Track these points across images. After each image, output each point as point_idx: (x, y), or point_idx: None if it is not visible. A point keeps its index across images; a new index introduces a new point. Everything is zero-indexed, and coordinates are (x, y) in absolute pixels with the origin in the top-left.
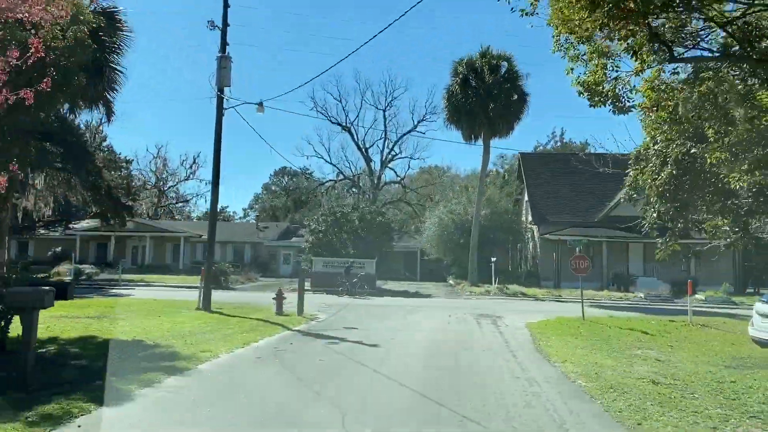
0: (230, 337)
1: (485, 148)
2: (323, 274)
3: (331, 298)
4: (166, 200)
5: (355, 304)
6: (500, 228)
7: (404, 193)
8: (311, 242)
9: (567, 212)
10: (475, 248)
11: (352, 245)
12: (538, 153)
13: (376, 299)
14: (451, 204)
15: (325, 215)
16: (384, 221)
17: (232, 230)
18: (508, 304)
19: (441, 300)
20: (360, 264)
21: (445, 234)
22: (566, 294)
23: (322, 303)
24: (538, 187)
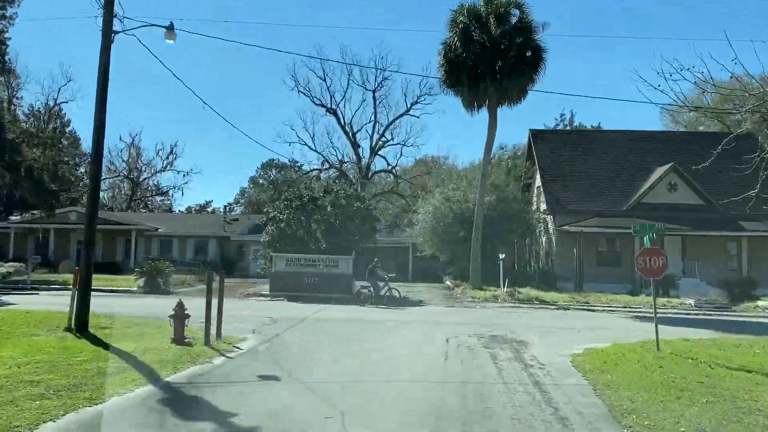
0: (13, 407)
1: (491, 117)
2: (287, 274)
3: (293, 309)
4: (140, 193)
5: (316, 318)
6: (508, 218)
7: (396, 183)
8: (271, 234)
9: (588, 199)
10: (478, 243)
11: (324, 238)
12: (553, 130)
13: (351, 310)
14: (449, 190)
15: (288, 200)
16: (364, 207)
17: (195, 222)
18: (525, 317)
19: (436, 309)
20: (333, 262)
21: (441, 226)
22: (594, 300)
23: (269, 316)
24: (554, 170)
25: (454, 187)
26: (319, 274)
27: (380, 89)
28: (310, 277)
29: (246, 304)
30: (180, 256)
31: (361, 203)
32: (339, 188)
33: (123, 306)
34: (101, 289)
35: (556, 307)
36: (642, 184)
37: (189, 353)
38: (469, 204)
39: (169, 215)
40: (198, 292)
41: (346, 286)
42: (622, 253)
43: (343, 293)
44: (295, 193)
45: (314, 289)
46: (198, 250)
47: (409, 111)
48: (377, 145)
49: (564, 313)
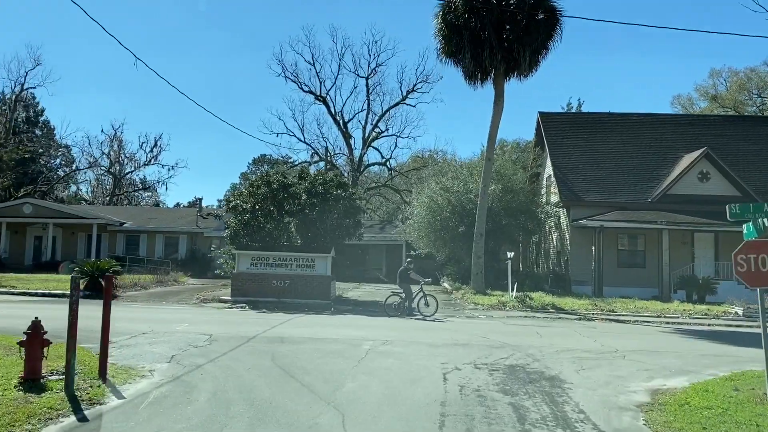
0: None
1: (497, 91)
2: (252, 276)
3: (249, 320)
4: (123, 188)
5: (271, 336)
6: (514, 212)
7: (390, 177)
8: (233, 228)
9: (607, 190)
10: (481, 239)
11: (299, 233)
12: (565, 113)
13: (324, 322)
14: (447, 179)
15: (254, 186)
16: (347, 196)
17: (166, 217)
18: (544, 332)
19: (430, 323)
20: (308, 261)
21: (437, 220)
22: (620, 307)
23: (208, 334)
24: (567, 157)
25: (454, 175)
26: (290, 276)
27: (374, 76)
28: (280, 280)
29: (193, 314)
30: (148, 254)
31: (344, 191)
32: (317, 174)
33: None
34: (30, 293)
35: (577, 317)
36: (668, 173)
37: (31, 407)
38: (470, 195)
39: (138, 209)
40: (151, 296)
41: (324, 290)
42: (646, 253)
43: (320, 298)
44: (263, 179)
45: (284, 293)
46: (168, 248)
47: (405, 100)
48: (370, 136)
49: (590, 327)
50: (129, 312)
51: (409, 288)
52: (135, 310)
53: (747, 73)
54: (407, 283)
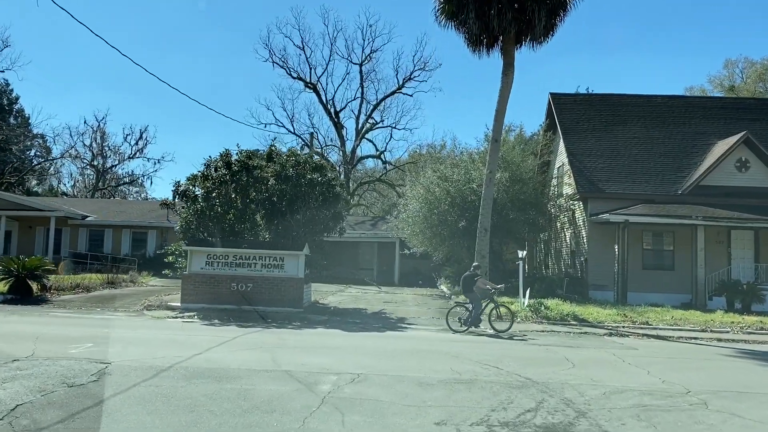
0: None
1: (506, 60)
2: (207, 278)
3: (186, 337)
4: (106, 182)
5: (196, 368)
6: (524, 205)
7: (384, 170)
8: (184, 218)
9: (631, 181)
10: (485, 235)
11: (267, 225)
12: (580, 94)
13: (283, 341)
14: (445, 168)
15: (211, 167)
16: (325, 181)
17: (135, 210)
18: (576, 357)
19: (425, 337)
20: (276, 260)
21: (434, 214)
22: (654, 318)
23: (106, 363)
24: (584, 143)
25: (453, 162)
26: (254, 278)
27: (368, 62)
28: (241, 282)
29: (116, 328)
30: (113, 251)
31: (320, 175)
32: (288, 153)
33: None
34: None
35: (606, 332)
36: (700, 161)
37: None
38: (472, 184)
39: (105, 201)
40: (89, 301)
41: (294, 296)
42: (675, 252)
43: (290, 305)
44: (223, 158)
45: (246, 299)
46: (136, 244)
47: (402, 89)
48: (364, 127)
49: (629, 347)
50: (37, 323)
51: (477, 298)
52: (50, 319)
53: (765, 64)
54: (475, 293)
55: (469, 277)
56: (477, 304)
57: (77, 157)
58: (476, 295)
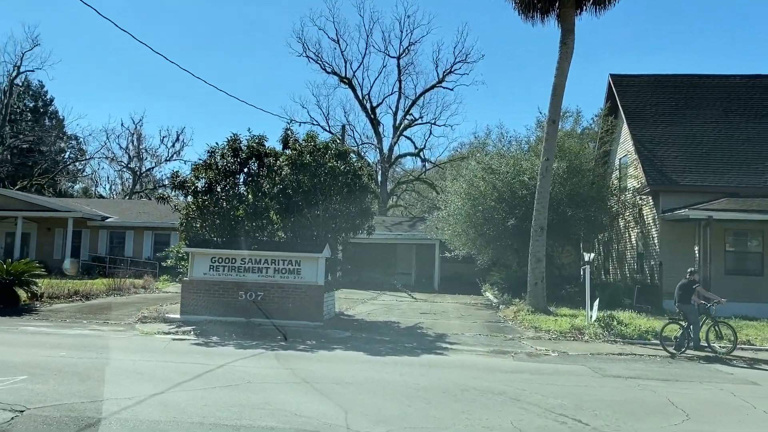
0: None
1: (565, 27)
2: (210, 286)
3: (167, 363)
4: (143, 185)
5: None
6: (584, 200)
7: (424, 169)
8: (185, 214)
9: (710, 171)
10: (541, 235)
11: (282, 222)
12: (646, 76)
13: (285, 372)
14: (491, 158)
15: (216, 154)
16: (351, 171)
17: (158, 211)
18: (687, 404)
19: (472, 372)
20: (291, 264)
21: (479, 211)
22: (756, 337)
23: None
24: (651, 129)
25: (500, 152)
26: (265, 285)
27: (406, 55)
28: (250, 291)
29: (84, 350)
30: (134, 254)
31: (344, 163)
32: (306, 137)
33: None
34: None
35: (703, 354)
36: None
37: None
38: (523, 176)
39: (129, 202)
40: (80, 311)
41: (313, 307)
42: (765, 255)
43: (307, 318)
44: (230, 144)
45: (256, 310)
46: (158, 246)
47: (441, 82)
48: (402, 123)
49: (747, 381)
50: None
51: (694, 312)
52: (13, 336)
53: None
54: (692, 306)
55: (686, 286)
56: (695, 320)
57: (114, 159)
58: (693, 309)
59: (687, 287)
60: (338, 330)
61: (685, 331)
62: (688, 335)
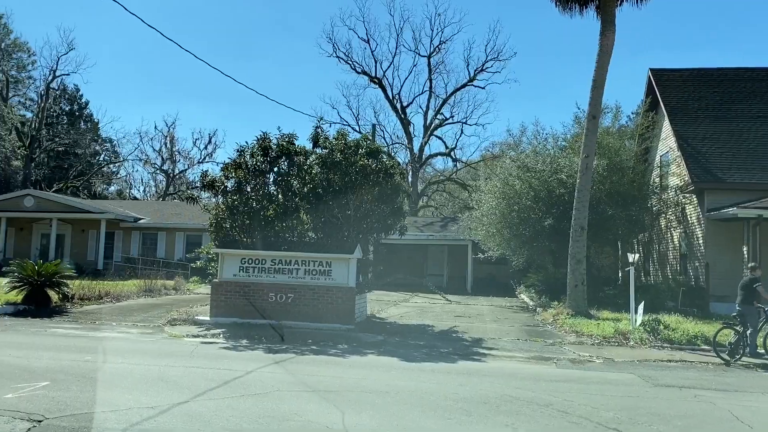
0: None
1: (605, 17)
2: (240, 287)
3: (193, 369)
4: (176, 187)
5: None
6: (625, 198)
7: (455, 169)
8: (214, 215)
9: (758, 168)
10: (581, 235)
11: (312, 222)
12: (687, 69)
13: (312, 378)
14: (525, 156)
15: (246, 153)
16: (382, 170)
17: (191, 212)
18: (750, 416)
19: (513, 381)
20: (322, 266)
21: (514, 211)
22: None
23: (38, 418)
24: (695, 124)
25: (536, 150)
26: (296, 287)
27: (436, 54)
28: (281, 292)
29: (110, 355)
30: (167, 255)
31: (375, 161)
32: (337, 135)
33: None
34: None
35: (760, 362)
36: None
37: None
38: (560, 174)
39: (162, 203)
40: (111, 312)
41: (344, 309)
42: None
43: (338, 321)
44: (259, 143)
45: (287, 313)
46: (191, 248)
47: (473, 81)
48: (432, 123)
49: None
50: (16, 344)
51: (755, 315)
52: (40, 339)
53: None
54: (754, 306)
55: (747, 285)
56: (755, 324)
57: (147, 162)
58: (755, 311)
59: (748, 287)
60: (370, 333)
61: (740, 336)
62: (743, 341)
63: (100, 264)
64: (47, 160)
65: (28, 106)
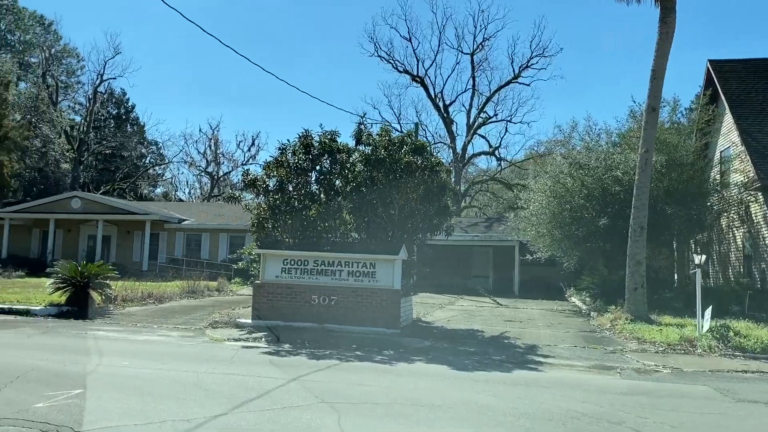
0: None
1: (664, 6)
2: (281, 289)
3: (230, 378)
4: (221, 189)
5: None
6: (686, 196)
7: (499, 168)
8: (256, 215)
9: None
10: (640, 234)
11: (355, 222)
12: (749, 60)
13: (358, 390)
14: (577, 152)
15: (287, 151)
16: (428, 167)
17: (234, 213)
18: None
19: (577, 393)
20: (366, 267)
21: (566, 210)
22: None
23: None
24: (759, 118)
25: (588, 146)
26: (339, 289)
27: (480, 51)
28: (324, 295)
29: (147, 360)
30: (210, 256)
31: (421, 158)
32: (381, 131)
33: None
34: None
35: None
36: None
37: None
38: (615, 171)
39: (206, 205)
40: (153, 314)
41: (389, 312)
42: None
43: (383, 325)
44: (301, 141)
45: (329, 316)
46: (234, 249)
47: (517, 78)
48: (476, 121)
49: None
50: (55, 348)
51: None
52: (80, 342)
53: None
54: None
55: None
56: None
57: (192, 164)
58: None
59: None
60: (417, 338)
61: None
62: None
63: (145, 265)
64: (95, 162)
65: (77, 111)
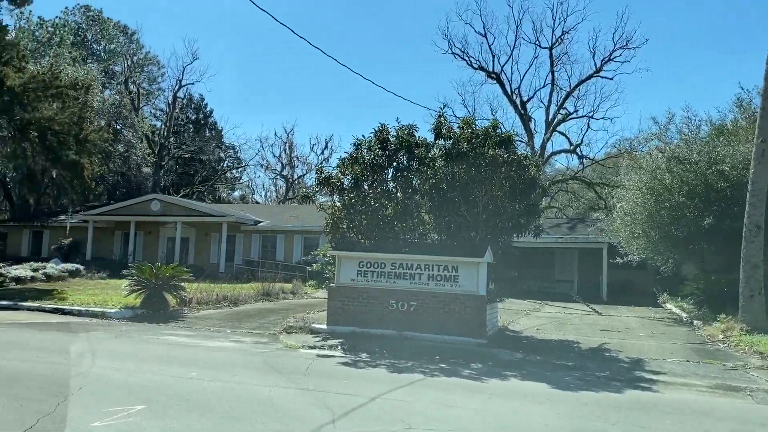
0: None
1: None
2: (358, 293)
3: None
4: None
5: None
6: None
7: (581, 167)
8: (330, 215)
9: None
10: (757, 236)
11: (435, 222)
12: None
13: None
14: (676, 146)
15: (362, 147)
16: (515, 161)
17: (308, 214)
18: None
19: (712, 423)
20: (447, 270)
21: (664, 209)
22: None
23: None
24: None
25: (687, 139)
26: (419, 294)
27: (559, 45)
28: (403, 300)
29: (219, 372)
30: (285, 257)
31: (507, 152)
32: (462, 123)
33: None
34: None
35: None
36: None
37: None
38: (722, 166)
39: (281, 207)
40: (226, 318)
41: (473, 320)
42: None
43: (466, 334)
44: (377, 135)
45: (409, 323)
46: (308, 249)
47: (599, 72)
48: (555, 118)
49: None
50: (123, 355)
51: None
52: (153, 348)
53: None
54: None
55: None
56: None
57: (268, 167)
58: None
59: None
60: (506, 350)
61: None
62: None
63: (222, 266)
64: (175, 166)
65: (158, 116)
